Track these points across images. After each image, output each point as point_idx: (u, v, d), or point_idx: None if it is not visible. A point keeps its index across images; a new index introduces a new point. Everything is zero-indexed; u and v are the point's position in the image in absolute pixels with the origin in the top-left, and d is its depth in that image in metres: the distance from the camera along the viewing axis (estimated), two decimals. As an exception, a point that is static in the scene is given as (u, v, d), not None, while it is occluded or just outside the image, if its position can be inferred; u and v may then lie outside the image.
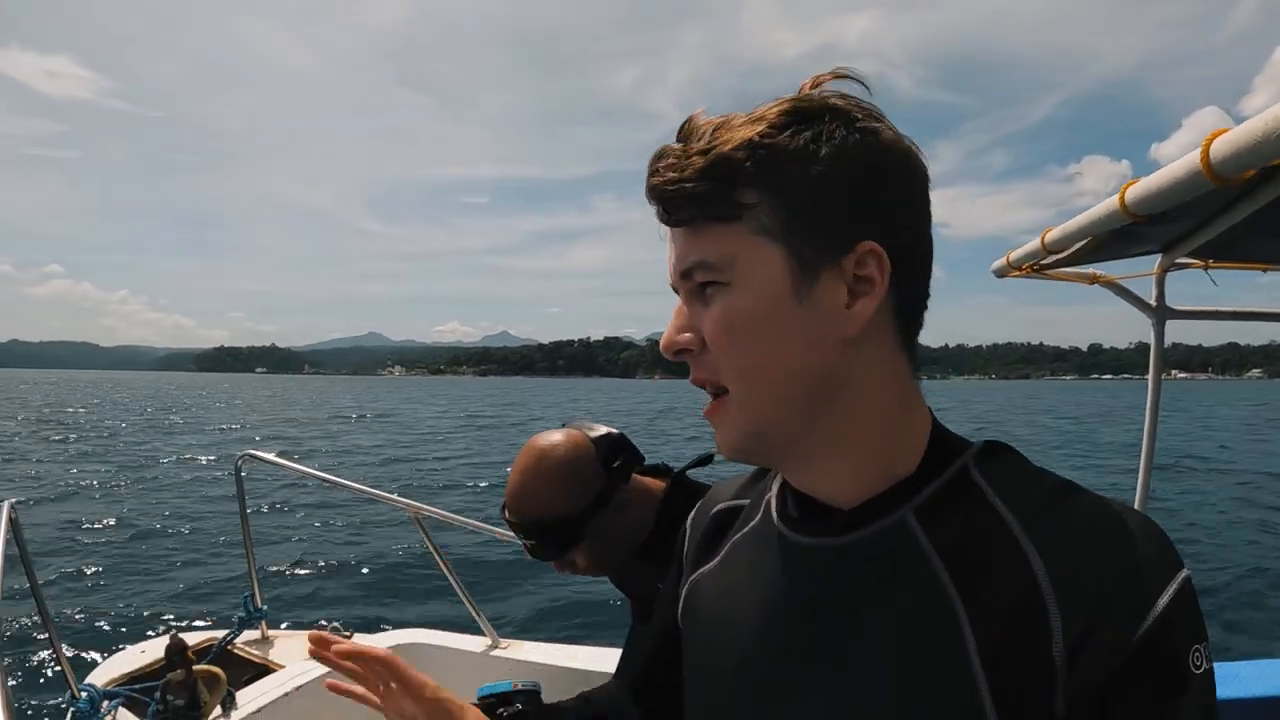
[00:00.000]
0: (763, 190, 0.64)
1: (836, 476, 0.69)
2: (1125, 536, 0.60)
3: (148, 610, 7.36)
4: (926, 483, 0.67)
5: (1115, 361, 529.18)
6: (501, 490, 1.50)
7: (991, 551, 0.61)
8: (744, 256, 0.64)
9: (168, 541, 10.21)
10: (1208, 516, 12.64)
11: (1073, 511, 0.62)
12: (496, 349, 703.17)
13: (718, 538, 0.85)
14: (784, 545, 0.73)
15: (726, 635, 0.75)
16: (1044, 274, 2.31)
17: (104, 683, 2.49)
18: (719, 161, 0.63)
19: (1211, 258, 2.34)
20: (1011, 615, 0.59)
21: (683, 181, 0.64)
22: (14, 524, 2.09)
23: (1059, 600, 0.57)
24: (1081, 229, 1.69)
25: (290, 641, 2.95)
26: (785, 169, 0.63)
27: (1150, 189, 1.30)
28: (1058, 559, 0.59)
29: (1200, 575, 8.67)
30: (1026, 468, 0.68)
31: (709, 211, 0.65)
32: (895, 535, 0.66)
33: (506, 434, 30.15)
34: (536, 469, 1.44)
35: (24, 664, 5.36)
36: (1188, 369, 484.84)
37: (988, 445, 0.70)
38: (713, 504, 0.90)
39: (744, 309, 0.65)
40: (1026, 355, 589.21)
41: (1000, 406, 54.19)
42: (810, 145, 0.63)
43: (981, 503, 0.65)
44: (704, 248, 0.66)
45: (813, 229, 0.64)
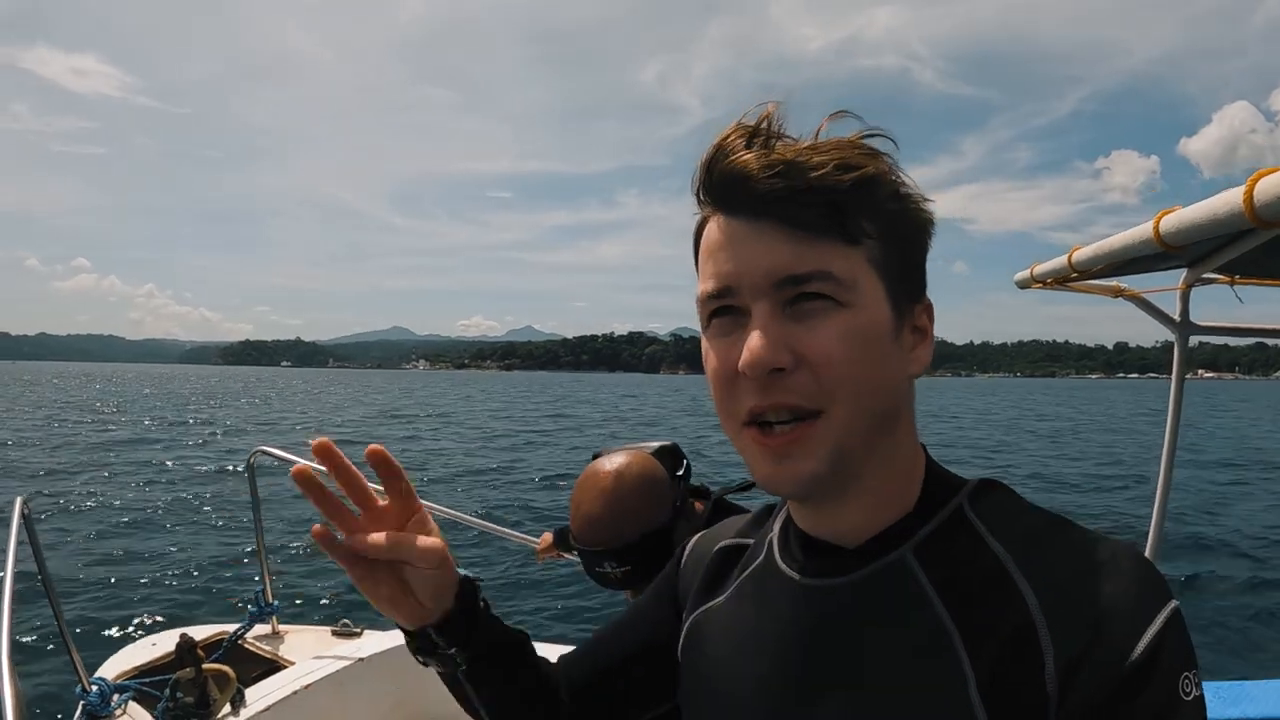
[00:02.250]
0: (876, 224, 0.65)
1: (854, 514, 0.70)
2: (1115, 569, 0.61)
3: (159, 603, 7.39)
4: (924, 522, 0.69)
5: (1141, 360, 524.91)
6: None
7: (986, 586, 0.63)
8: (865, 283, 0.64)
9: (180, 535, 10.25)
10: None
11: (1063, 546, 0.64)
12: (521, 343, 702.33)
13: (723, 574, 0.85)
14: (786, 585, 0.75)
15: (731, 672, 0.76)
16: (1067, 286, 2.29)
17: (114, 676, 2.50)
18: (867, 181, 0.63)
19: (1238, 274, 2.31)
20: (1006, 647, 0.60)
21: (826, 185, 0.62)
22: (27, 519, 2.11)
23: (1051, 631, 0.59)
24: (1112, 252, 1.67)
25: (301, 637, 2.96)
26: (898, 212, 0.67)
27: (1186, 222, 1.28)
28: (1049, 591, 0.61)
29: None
30: (1018, 504, 0.70)
31: (843, 225, 0.63)
32: (895, 574, 0.67)
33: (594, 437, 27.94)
34: (617, 493, 1.41)
35: (35, 657, 5.40)
36: (1214, 368, 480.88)
37: (981, 484, 0.72)
38: (715, 540, 0.90)
39: (863, 330, 0.64)
40: (1051, 353, 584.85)
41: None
42: (906, 196, 0.67)
43: (976, 539, 0.67)
44: (828, 260, 0.63)
45: (904, 275, 0.67)
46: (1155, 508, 2.66)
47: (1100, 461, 20.81)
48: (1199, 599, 8.22)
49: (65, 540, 9.72)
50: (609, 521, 1.41)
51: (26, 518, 2.12)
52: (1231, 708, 2.21)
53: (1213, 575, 9.17)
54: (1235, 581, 8.94)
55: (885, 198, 0.65)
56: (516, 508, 12.73)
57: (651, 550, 1.40)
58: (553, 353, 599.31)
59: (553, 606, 7.49)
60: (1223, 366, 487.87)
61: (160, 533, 10.40)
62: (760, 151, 0.63)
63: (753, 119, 0.65)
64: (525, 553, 2.85)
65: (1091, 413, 50.87)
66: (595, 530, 1.42)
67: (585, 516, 1.43)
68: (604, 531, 1.41)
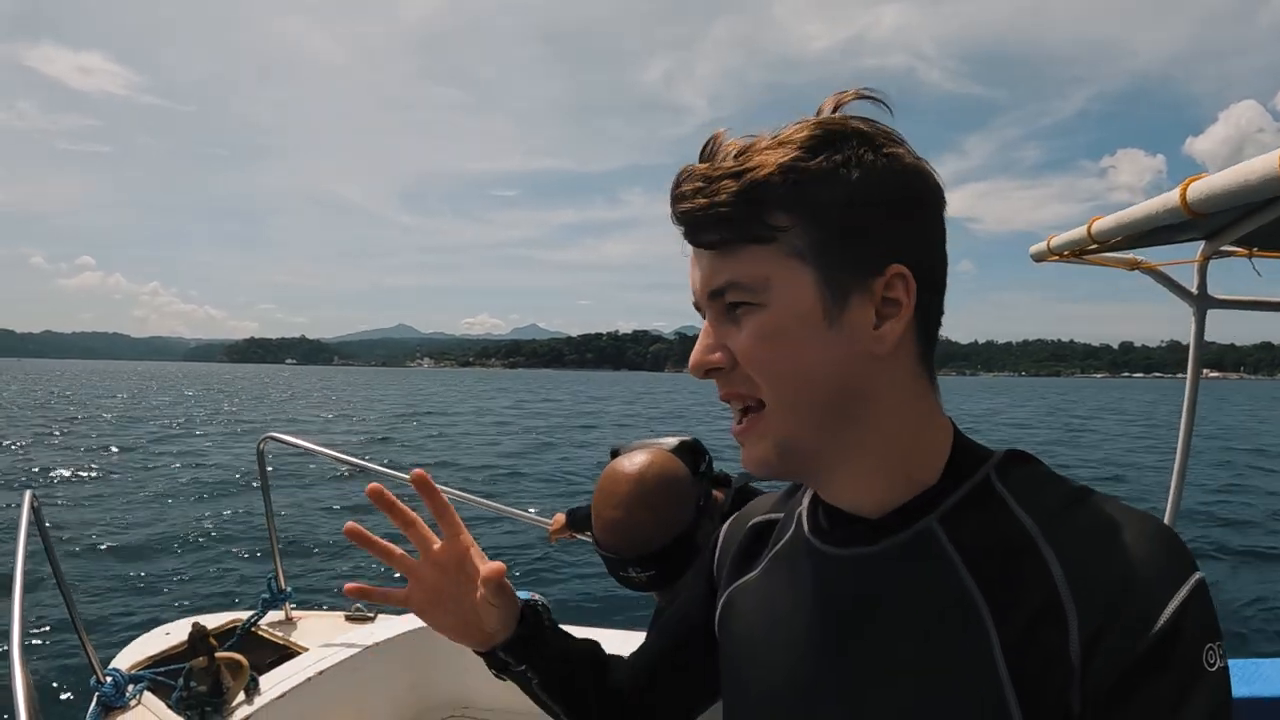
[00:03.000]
0: (795, 213, 0.65)
1: (862, 488, 0.72)
2: (1140, 539, 0.62)
3: (172, 592, 7.45)
4: (950, 492, 0.70)
5: (1147, 360, 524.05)
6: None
7: (1012, 556, 0.64)
8: (777, 278, 0.66)
9: (192, 524, 10.30)
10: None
11: (1089, 516, 0.64)
12: (526, 341, 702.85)
13: (755, 551, 0.87)
14: (816, 556, 0.76)
15: (766, 645, 0.78)
16: (1084, 259, 2.26)
17: (129, 666, 2.51)
18: (752, 185, 0.64)
19: (1257, 246, 2.28)
20: (1032, 616, 0.61)
21: (715, 205, 0.65)
22: (36, 513, 2.12)
23: (1076, 601, 0.60)
24: (1135, 222, 1.64)
25: (313, 623, 2.97)
26: (817, 192, 0.65)
27: (1217, 188, 1.24)
28: (1074, 561, 0.61)
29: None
30: (1046, 475, 0.70)
31: (742, 234, 0.66)
32: (922, 543, 0.68)
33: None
34: (639, 496, 1.37)
35: (49, 648, 5.43)
36: (1220, 368, 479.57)
37: (1009, 454, 0.72)
38: (749, 517, 0.92)
39: (778, 327, 0.66)
40: (1057, 352, 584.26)
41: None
42: (840, 169, 0.65)
43: (1002, 509, 0.67)
44: (736, 269, 0.67)
45: (843, 252, 0.66)
46: (1172, 487, 2.63)
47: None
48: (1215, 574, 8.22)
49: (77, 533, 9.79)
50: (632, 527, 1.37)
51: (36, 511, 2.13)
52: (1244, 686, 2.19)
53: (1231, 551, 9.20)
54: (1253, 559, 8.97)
55: (804, 181, 0.64)
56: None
57: (675, 553, 1.37)
58: (557, 351, 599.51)
59: (566, 585, 7.51)
60: (1229, 366, 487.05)
61: (173, 523, 10.48)
62: (687, 185, 0.67)
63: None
64: (537, 533, 2.85)
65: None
66: (618, 536, 1.38)
67: (607, 522, 1.39)
68: (627, 537, 1.37)
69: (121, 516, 10.87)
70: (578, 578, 7.74)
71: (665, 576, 1.38)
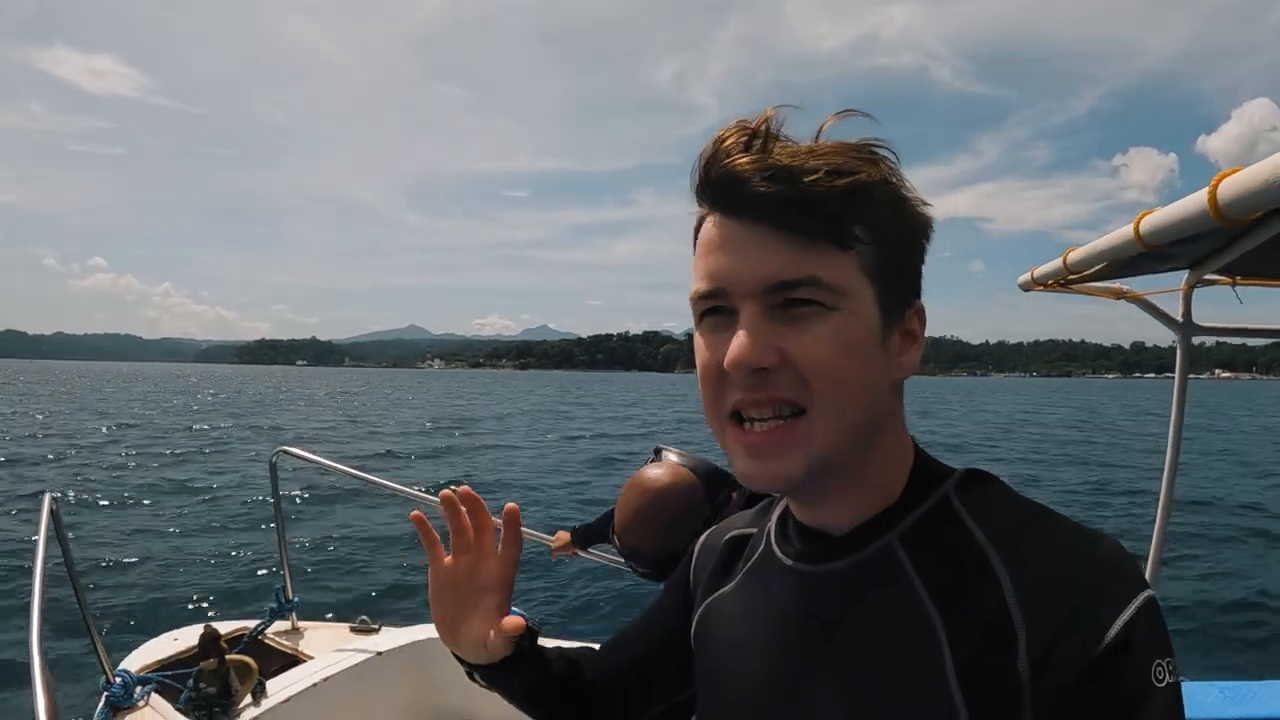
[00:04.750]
0: (872, 230, 0.66)
1: (842, 506, 0.73)
2: (1090, 558, 0.62)
3: (181, 598, 7.47)
4: (910, 510, 0.71)
5: (1158, 360, 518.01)
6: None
7: (967, 573, 0.65)
8: (854, 288, 0.65)
9: (204, 533, 10.32)
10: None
11: (1042, 535, 0.65)
12: (536, 343, 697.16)
13: (730, 564, 0.88)
14: (783, 572, 0.77)
15: (736, 658, 0.79)
16: (1070, 289, 2.32)
17: (138, 669, 2.56)
18: (860, 188, 0.64)
19: (1239, 274, 2.33)
20: (983, 633, 0.62)
21: (816, 192, 0.63)
22: (55, 515, 2.17)
23: (1025, 617, 0.60)
24: (1100, 253, 1.74)
25: (320, 633, 3.02)
26: (884, 216, 0.67)
27: (1161, 222, 1.34)
28: (1025, 579, 0.62)
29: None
30: (1004, 495, 0.71)
31: (834, 232, 0.64)
32: (882, 561, 0.69)
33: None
34: (650, 511, 1.55)
35: (60, 649, 5.48)
36: (1231, 368, 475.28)
37: (968, 473, 0.73)
38: (725, 531, 0.94)
39: (853, 336, 0.65)
40: (1068, 352, 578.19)
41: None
42: (900, 199, 0.68)
43: (959, 528, 0.68)
44: (819, 266, 0.64)
45: (897, 280, 0.69)
46: (1160, 508, 2.67)
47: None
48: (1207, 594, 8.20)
49: (90, 535, 9.84)
50: (635, 532, 1.57)
51: (55, 514, 2.18)
52: (1234, 707, 2.22)
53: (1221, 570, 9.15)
54: (1243, 577, 8.92)
55: (879, 203, 0.66)
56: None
57: (666, 566, 1.54)
58: (568, 352, 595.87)
59: (566, 599, 7.52)
60: (1240, 366, 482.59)
61: (185, 530, 10.46)
62: (757, 155, 0.64)
63: (753, 120, 0.66)
64: (538, 547, 2.90)
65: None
66: (624, 534, 1.60)
67: (620, 520, 1.61)
68: (629, 538, 1.59)
69: (134, 522, 10.89)
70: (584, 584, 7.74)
71: (663, 576, 1.56)
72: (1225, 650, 6.79)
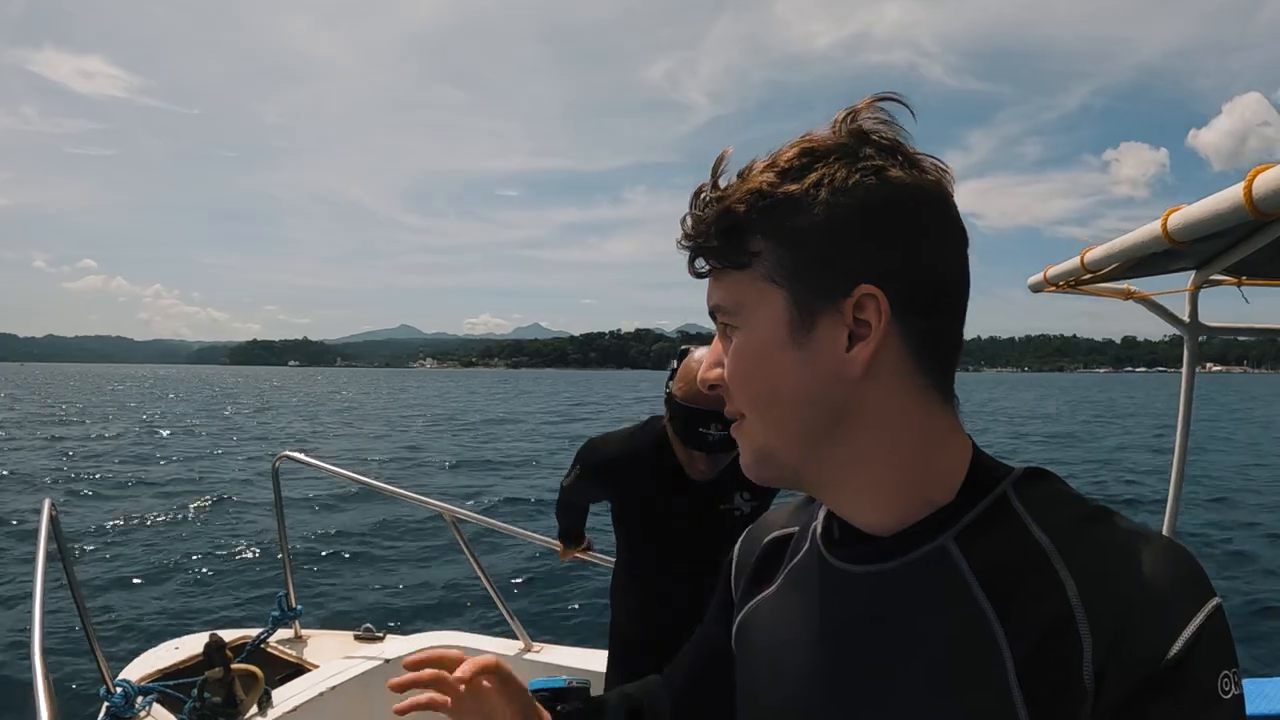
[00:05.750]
0: (766, 238, 0.67)
1: (864, 505, 0.71)
2: (1158, 562, 0.60)
3: (181, 607, 7.41)
4: (966, 510, 0.68)
5: (1150, 354, 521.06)
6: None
7: (1028, 576, 0.63)
8: (750, 301, 0.68)
9: (204, 540, 10.25)
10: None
11: (1106, 536, 0.63)
12: (529, 341, 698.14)
13: (772, 566, 0.86)
14: (830, 572, 0.75)
15: (780, 662, 0.77)
16: (1080, 289, 2.32)
17: (138, 678, 2.54)
18: (725, 214, 0.68)
19: (1245, 275, 2.34)
20: (1046, 637, 0.60)
21: (699, 236, 0.70)
22: (54, 521, 2.14)
23: (1089, 622, 0.59)
24: (1123, 251, 1.73)
25: (323, 641, 3.00)
26: (785, 216, 0.66)
27: (1192, 218, 1.33)
28: (1089, 582, 0.60)
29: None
30: (1064, 493, 0.69)
31: (722, 260, 0.70)
32: (936, 561, 0.67)
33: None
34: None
35: (59, 658, 5.44)
36: (1223, 362, 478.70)
37: (1027, 471, 0.71)
38: (765, 532, 0.91)
39: (748, 349, 0.70)
40: (1060, 347, 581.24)
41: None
42: (809, 191, 0.65)
43: (1019, 528, 0.66)
44: (720, 292, 0.71)
45: (809, 274, 0.66)
46: (1168, 509, 2.67)
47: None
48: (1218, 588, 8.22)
49: (89, 543, 9.78)
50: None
51: (54, 520, 2.15)
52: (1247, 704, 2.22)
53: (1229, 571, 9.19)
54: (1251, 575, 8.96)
55: (773, 207, 0.66)
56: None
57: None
58: (561, 350, 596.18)
59: (578, 607, 7.49)
60: (1232, 360, 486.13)
61: (184, 537, 10.39)
62: (687, 217, 0.72)
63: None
64: (548, 553, 2.88)
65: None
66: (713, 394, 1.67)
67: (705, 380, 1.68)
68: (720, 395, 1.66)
69: (134, 529, 10.83)
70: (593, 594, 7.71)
71: (733, 442, 1.63)
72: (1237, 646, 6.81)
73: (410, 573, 8.70)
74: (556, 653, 2.68)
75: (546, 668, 2.20)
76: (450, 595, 7.83)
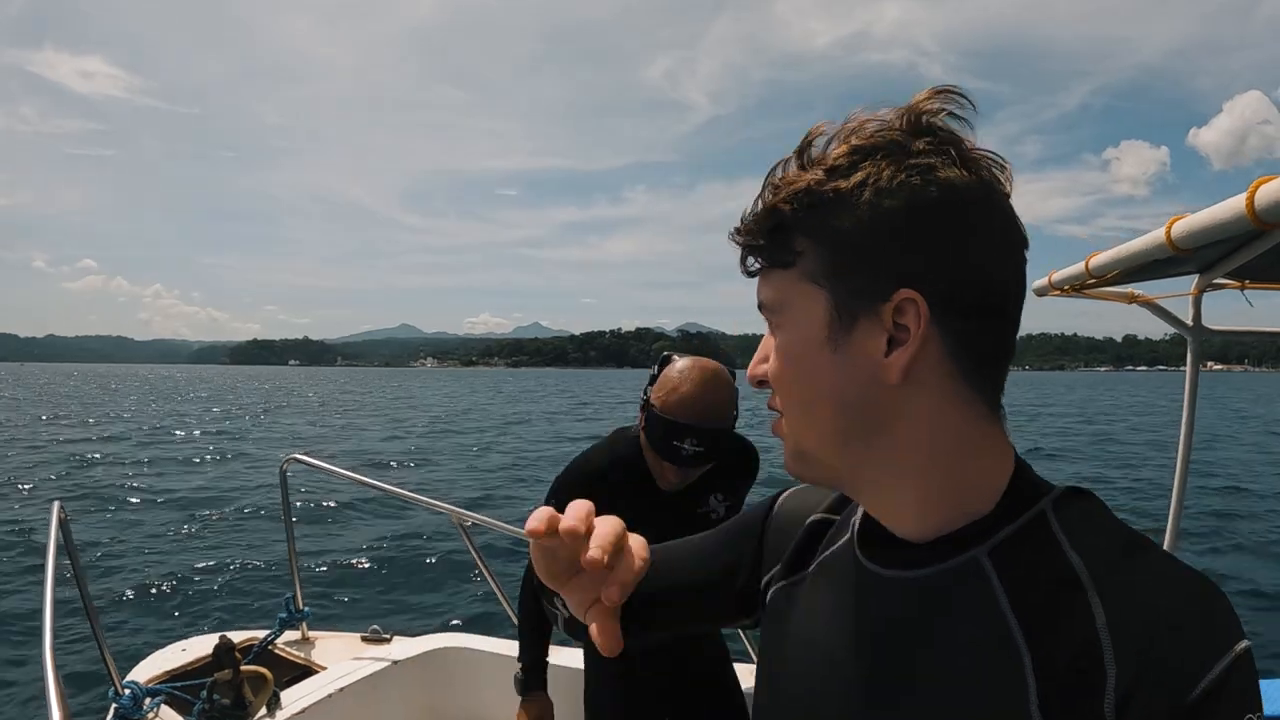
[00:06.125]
0: (809, 237, 0.67)
1: (899, 511, 0.70)
2: (1190, 598, 0.59)
3: (189, 609, 7.42)
4: (1003, 524, 0.67)
5: (1151, 353, 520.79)
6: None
7: (1059, 599, 0.61)
8: (792, 300, 0.69)
9: (212, 542, 10.25)
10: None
11: (1141, 567, 0.62)
12: (529, 340, 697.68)
13: (809, 549, 0.86)
14: (862, 572, 0.75)
15: (802, 652, 0.77)
16: (1084, 293, 2.33)
17: (146, 680, 2.55)
18: (771, 213, 0.69)
19: (1248, 279, 2.35)
20: (1071, 662, 0.59)
21: (747, 235, 0.72)
22: (63, 524, 2.16)
23: (1116, 654, 0.57)
24: (1129, 257, 1.75)
25: (331, 642, 3.01)
26: (828, 217, 0.65)
27: (1196, 226, 1.36)
28: (1120, 612, 0.59)
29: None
30: (1103, 517, 0.67)
31: (769, 260, 0.71)
32: (968, 573, 0.66)
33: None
34: (720, 382, 1.73)
35: (68, 660, 5.46)
36: (1224, 361, 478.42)
37: (1068, 491, 0.69)
38: (807, 510, 0.89)
39: (788, 348, 0.70)
40: (1061, 346, 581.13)
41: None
42: (854, 191, 0.64)
43: (1054, 549, 0.64)
44: (767, 290, 0.72)
45: (850, 276, 0.65)
46: (1171, 510, 2.68)
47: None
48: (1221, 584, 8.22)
49: (97, 545, 9.79)
50: (707, 405, 1.69)
51: (64, 522, 2.17)
52: None
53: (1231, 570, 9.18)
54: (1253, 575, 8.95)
55: (817, 206, 0.65)
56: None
57: (721, 439, 1.70)
58: (561, 349, 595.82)
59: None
60: (1232, 359, 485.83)
61: (192, 539, 10.39)
62: (745, 220, 0.72)
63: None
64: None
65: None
66: (692, 408, 1.68)
67: (685, 396, 1.70)
68: (700, 409, 1.68)
69: (141, 531, 10.83)
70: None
71: (706, 457, 1.70)
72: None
73: (418, 575, 8.68)
74: (565, 655, 2.69)
75: (554, 670, 2.21)
76: (458, 597, 7.84)
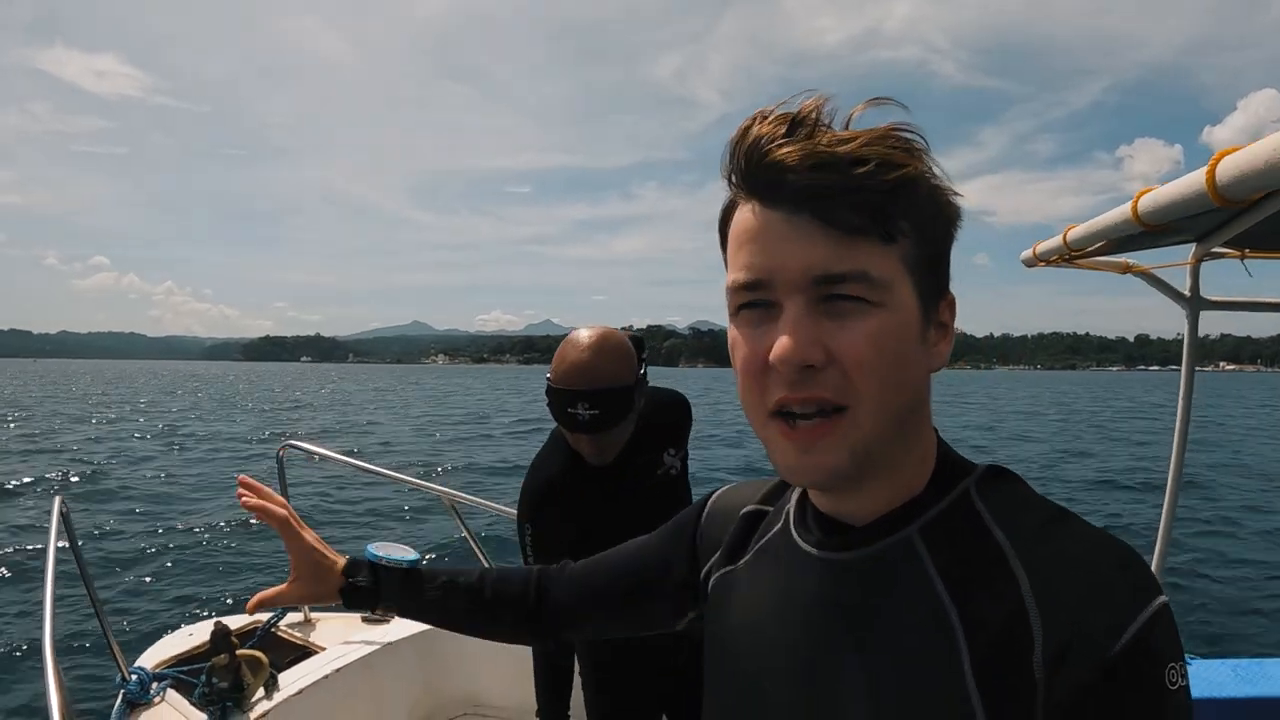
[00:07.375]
0: (911, 223, 0.64)
1: (870, 498, 0.71)
2: (1108, 562, 0.62)
3: (195, 594, 7.54)
4: (932, 504, 0.70)
5: (1163, 353, 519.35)
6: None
7: (985, 570, 0.64)
8: (896, 283, 0.64)
9: (214, 527, 10.39)
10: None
11: (1061, 536, 0.64)
12: (540, 337, 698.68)
13: (744, 539, 0.87)
14: (799, 556, 0.76)
15: (754, 636, 0.78)
16: (1075, 264, 2.29)
17: (153, 665, 2.59)
18: (907, 181, 0.63)
19: (1248, 247, 2.31)
20: (1000, 632, 0.61)
21: (866, 186, 0.61)
22: (65, 518, 2.19)
23: (1041, 617, 0.60)
24: (1098, 232, 1.73)
25: (332, 624, 3.04)
26: (924, 208, 0.66)
27: (1161, 201, 1.34)
28: (1043, 579, 0.62)
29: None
30: (1023, 493, 0.70)
31: (881, 227, 0.63)
32: (901, 552, 0.69)
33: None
34: (601, 347, 1.69)
35: (76, 648, 5.54)
36: (1236, 361, 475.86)
37: (989, 469, 0.73)
38: (738, 503, 0.92)
39: (895, 332, 0.64)
40: (1072, 345, 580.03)
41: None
42: (935, 189, 0.67)
43: (979, 524, 0.67)
44: (866, 261, 0.63)
45: (935, 272, 0.68)
46: (1167, 493, 2.64)
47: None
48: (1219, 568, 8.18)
49: (104, 536, 9.91)
50: (593, 367, 1.67)
51: (65, 516, 2.19)
52: (1247, 685, 2.20)
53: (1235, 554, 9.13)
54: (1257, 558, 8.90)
55: (921, 196, 0.65)
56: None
57: (617, 400, 1.68)
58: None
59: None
60: (1245, 359, 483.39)
61: (196, 528, 10.53)
62: (803, 143, 0.62)
63: (793, 108, 0.64)
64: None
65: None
66: (578, 374, 1.67)
67: (571, 363, 1.69)
68: (586, 374, 1.67)
69: (146, 521, 10.97)
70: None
71: (604, 420, 1.67)
72: (1237, 626, 6.78)
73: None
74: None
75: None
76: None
